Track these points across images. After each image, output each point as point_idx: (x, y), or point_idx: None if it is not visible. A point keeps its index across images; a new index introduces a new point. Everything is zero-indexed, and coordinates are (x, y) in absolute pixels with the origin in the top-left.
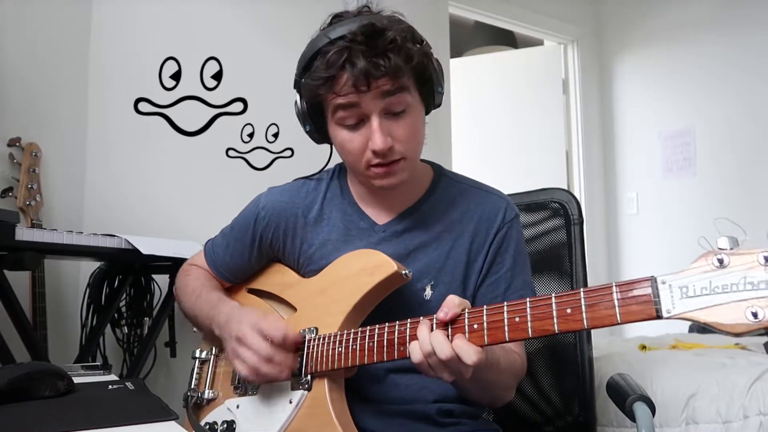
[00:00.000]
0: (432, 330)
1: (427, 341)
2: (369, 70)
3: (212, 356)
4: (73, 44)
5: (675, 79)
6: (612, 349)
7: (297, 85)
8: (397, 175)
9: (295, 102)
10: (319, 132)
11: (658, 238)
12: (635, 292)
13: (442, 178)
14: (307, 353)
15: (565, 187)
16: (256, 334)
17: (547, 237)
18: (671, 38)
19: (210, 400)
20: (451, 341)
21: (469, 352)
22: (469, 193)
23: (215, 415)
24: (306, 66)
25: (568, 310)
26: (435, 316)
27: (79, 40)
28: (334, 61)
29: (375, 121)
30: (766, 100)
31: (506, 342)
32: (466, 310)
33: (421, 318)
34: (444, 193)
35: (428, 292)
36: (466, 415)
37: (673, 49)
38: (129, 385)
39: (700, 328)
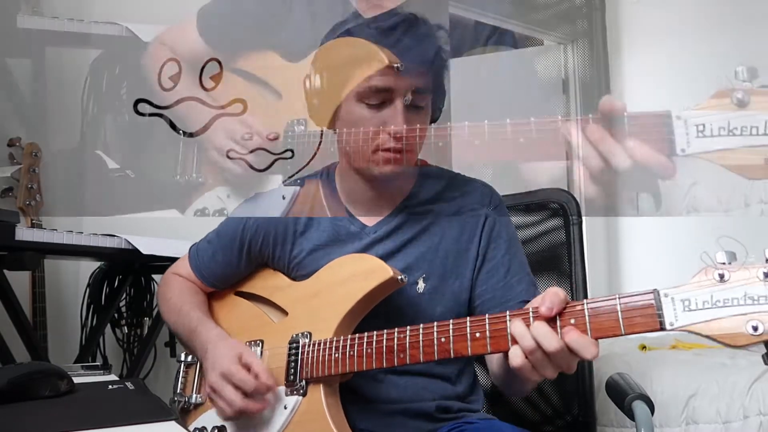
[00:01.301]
0: (529, 325)
1: (529, 337)
2: (415, 49)
3: (198, 359)
4: None
5: (675, 79)
6: (612, 349)
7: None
8: (401, 165)
9: (307, 76)
10: (324, 110)
11: (659, 238)
12: (638, 304)
13: (426, 171)
14: (302, 359)
15: (565, 188)
16: (228, 386)
17: (546, 237)
18: (671, 38)
19: (198, 405)
20: (563, 336)
21: (586, 345)
22: (453, 184)
23: (205, 420)
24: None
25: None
26: (532, 309)
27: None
28: (378, 37)
29: (400, 105)
30: None
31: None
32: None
33: (507, 313)
34: (429, 187)
35: (421, 285)
36: (464, 411)
37: (674, 49)
38: (129, 385)
39: None
